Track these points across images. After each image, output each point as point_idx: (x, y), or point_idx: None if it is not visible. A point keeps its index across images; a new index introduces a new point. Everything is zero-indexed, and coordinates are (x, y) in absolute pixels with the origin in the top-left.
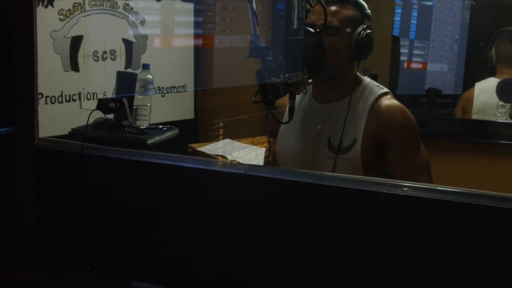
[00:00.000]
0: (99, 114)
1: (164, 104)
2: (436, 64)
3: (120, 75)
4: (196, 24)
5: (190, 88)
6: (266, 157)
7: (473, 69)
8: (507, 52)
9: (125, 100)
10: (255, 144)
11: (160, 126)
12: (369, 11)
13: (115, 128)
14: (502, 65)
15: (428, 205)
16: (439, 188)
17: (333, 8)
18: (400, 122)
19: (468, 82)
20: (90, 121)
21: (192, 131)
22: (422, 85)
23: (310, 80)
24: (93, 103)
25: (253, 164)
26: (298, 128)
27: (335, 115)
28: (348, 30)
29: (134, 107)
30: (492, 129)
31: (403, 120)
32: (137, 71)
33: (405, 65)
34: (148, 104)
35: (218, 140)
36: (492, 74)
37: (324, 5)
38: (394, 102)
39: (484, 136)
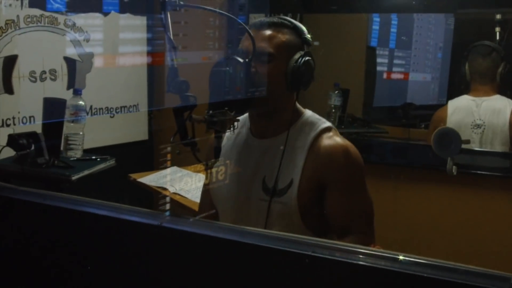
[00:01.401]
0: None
1: (113, 126)
2: (418, 74)
3: (47, 102)
4: (149, 40)
5: (144, 107)
6: (201, 195)
7: (459, 77)
8: (481, 68)
9: (41, 134)
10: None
11: (93, 157)
12: (309, 36)
13: (32, 165)
14: (476, 82)
15: (360, 271)
16: (374, 252)
17: (268, 32)
18: (341, 163)
19: (453, 91)
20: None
21: (146, 153)
22: (403, 96)
23: (239, 117)
24: (30, 128)
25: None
26: (233, 165)
27: (271, 152)
28: (285, 57)
29: (64, 135)
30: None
31: (345, 161)
32: (70, 99)
33: (385, 75)
34: (81, 133)
35: (168, 166)
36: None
37: (249, 29)
38: (337, 139)
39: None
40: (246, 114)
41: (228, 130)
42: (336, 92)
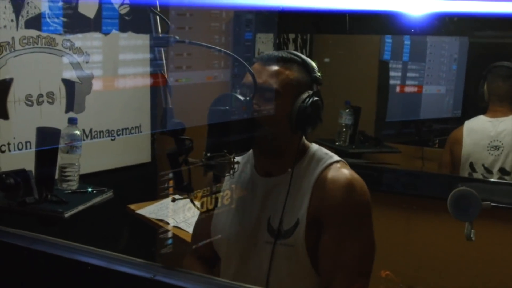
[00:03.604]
0: None
1: (115, 149)
2: (433, 86)
3: (41, 132)
4: (152, 60)
5: (146, 129)
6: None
7: (475, 97)
8: (500, 90)
9: (30, 172)
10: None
11: (90, 189)
12: (319, 74)
13: (20, 204)
14: (495, 104)
15: None
16: None
17: (275, 67)
18: (340, 196)
19: (468, 103)
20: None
21: (149, 177)
22: (417, 109)
23: (237, 159)
24: (26, 154)
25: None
26: (236, 205)
27: (277, 191)
28: (291, 95)
29: (59, 166)
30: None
31: (344, 195)
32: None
33: (398, 89)
34: (76, 164)
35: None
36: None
37: (255, 62)
38: (343, 172)
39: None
40: (251, 151)
41: (227, 174)
42: (347, 110)
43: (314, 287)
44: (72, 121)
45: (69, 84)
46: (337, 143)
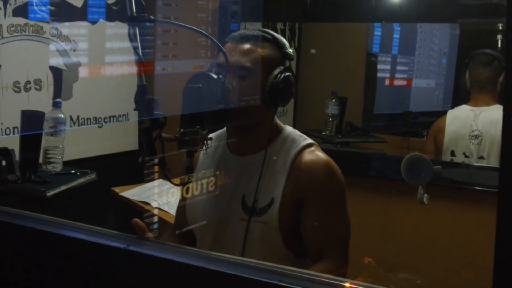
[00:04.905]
0: None
1: (102, 136)
2: (422, 80)
3: (25, 115)
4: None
5: (134, 117)
6: (176, 213)
7: (459, 86)
8: (481, 77)
9: (13, 150)
10: None
11: (73, 171)
12: (290, 50)
13: (2, 182)
14: (476, 91)
15: None
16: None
17: (246, 46)
18: (320, 178)
19: (458, 96)
20: None
21: (135, 164)
22: (406, 103)
23: (210, 135)
24: (14, 139)
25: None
26: (210, 183)
27: (250, 170)
28: (263, 72)
29: (43, 149)
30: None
31: (324, 176)
32: (50, 111)
33: (387, 82)
34: (60, 146)
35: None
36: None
37: (226, 42)
38: (319, 156)
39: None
40: (223, 129)
41: (200, 149)
42: (333, 100)
43: (286, 264)
44: (56, 105)
45: (56, 72)
46: (323, 133)
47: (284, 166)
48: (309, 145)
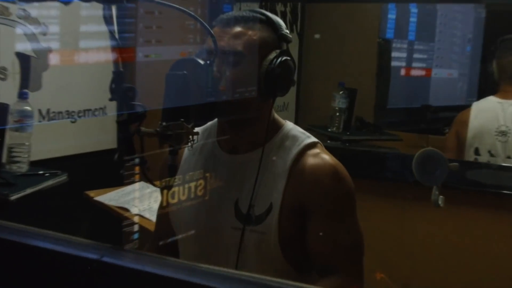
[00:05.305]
0: None
1: (75, 132)
2: (443, 70)
3: None
4: (119, 33)
5: (112, 110)
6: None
7: (485, 76)
8: (511, 66)
9: None
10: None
11: (41, 172)
12: (287, 31)
13: None
14: (505, 82)
15: None
16: None
17: (237, 28)
18: (328, 185)
19: (485, 89)
20: None
21: (114, 164)
22: (424, 96)
23: (197, 130)
24: None
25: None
26: (198, 185)
27: (244, 170)
28: (257, 57)
29: (7, 146)
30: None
31: (333, 183)
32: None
33: (403, 72)
34: (27, 143)
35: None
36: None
37: (214, 25)
38: (324, 157)
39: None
40: (212, 122)
41: (185, 145)
42: (341, 92)
43: (286, 279)
44: (22, 96)
45: (23, 59)
46: (329, 129)
47: (283, 167)
48: (313, 144)
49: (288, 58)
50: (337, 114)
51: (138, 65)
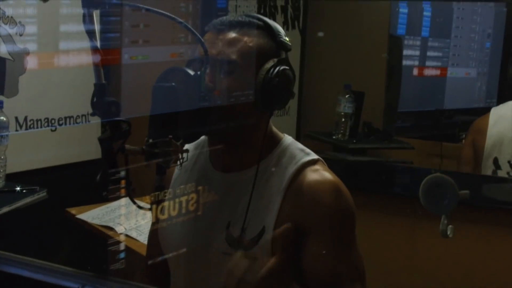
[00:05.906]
0: None
1: (56, 142)
2: (460, 69)
3: None
4: (103, 34)
5: (96, 118)
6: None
7: (506, 79)
8: None
9: None
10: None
11: (18, 188)
12: (286, 38)
13: None
14: None
15: None
16: None
17: (232, 34)
18: (328, 204)
19: (506, 89)
20: None
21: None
22: (439, 98)
23: (187, 147)
24: None
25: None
26: (189, 205)
27: (237, 190)
28: (253, 66)
29: None
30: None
31: (333, 202)
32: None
33: (415, 72)
34: (2, 157)
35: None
36: None
37: (206, 31)
38: (325, 176)
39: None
40: (204, 136)
41: (173, 164)
42: (347, 96)
43: None
44: None
45: None
46: (334, 137)
47: (279, 187)
48: (312, 162)
49: (287, 67)
50: (343, 119)
51: (124, 68)
